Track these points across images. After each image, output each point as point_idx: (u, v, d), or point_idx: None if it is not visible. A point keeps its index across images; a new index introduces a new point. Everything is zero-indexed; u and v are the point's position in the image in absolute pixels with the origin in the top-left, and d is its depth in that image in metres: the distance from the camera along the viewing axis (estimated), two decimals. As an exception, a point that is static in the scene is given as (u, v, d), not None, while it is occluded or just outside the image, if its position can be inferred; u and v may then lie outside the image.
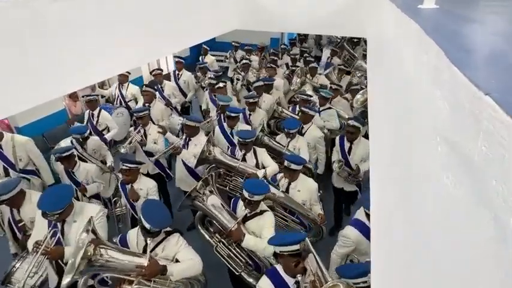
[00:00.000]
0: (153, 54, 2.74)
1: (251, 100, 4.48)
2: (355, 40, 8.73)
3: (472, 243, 0.48)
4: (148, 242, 2.27)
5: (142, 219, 2.21)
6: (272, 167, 3.47)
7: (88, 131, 3.99)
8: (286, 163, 3.05)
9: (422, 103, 0.85)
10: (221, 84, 5.10)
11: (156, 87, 5.48)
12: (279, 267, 2.20)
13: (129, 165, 3.06)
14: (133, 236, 2.46)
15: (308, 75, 6.22)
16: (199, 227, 2.86)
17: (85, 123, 4.62)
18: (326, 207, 3.39)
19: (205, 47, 7.49)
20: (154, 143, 3.98)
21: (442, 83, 0.68)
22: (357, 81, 6.18)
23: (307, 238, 2.20)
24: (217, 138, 4.15)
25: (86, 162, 3.82)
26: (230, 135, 4.05)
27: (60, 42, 1.49)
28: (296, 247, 2.06)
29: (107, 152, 4.19)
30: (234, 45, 8.18)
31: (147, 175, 4.02)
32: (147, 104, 4.72)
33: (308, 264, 2.13)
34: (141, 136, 3.95)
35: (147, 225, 2.20)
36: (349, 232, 2.62)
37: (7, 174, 3.55)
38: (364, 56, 6.93)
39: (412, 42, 1.07)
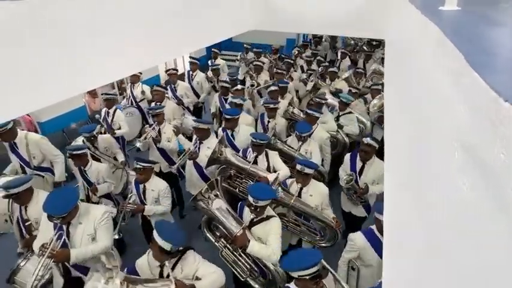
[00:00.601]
0: (169, 53, 2.78)
1: (271, 106, 4.32)
2: (374, 43, 8.53)
3: (488, 250, 0.47)
4: (167, 264, 2.16)
5: (160, 240, 2.06)
6: (283, 171, 3.42)
7: (99, 128, 4.12)
8: (299, 167, 2.99)
9: (440, 108, 0.84)
10: (239, 87, 5.01)
11: (169, 87, 5.59)
12: None
13: (143, 164, 3.10)
14: (144, 263, 2.33)
15: (327, 80, 6.14)
16: (205, 231, 2.85)
17: (101, 120, 4.78)
18: (336, 213, 3.31)
19: (215, 50, 7.35)
20: (168, 141, 4.04)
21: (461, 87, 0.67)
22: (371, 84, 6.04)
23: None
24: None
25: (99, 160, 3.92)
26: (231, 137, 3.96)
27: (81, 41, 1.54)
28: (315, 269, 1.97)
29: (118, 149, 4.29)
30: (246, 47, 8.08)
31: (160, 173, 4.10)
32: (158, 103, 4.79)
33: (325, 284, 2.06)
34: (156, 133, 4.02)
35: (167, 246, 2.05)
36: (356, 237, 2.59)
37: (24, 171, 3.66)
38: (383, 60, 6.79)
39: (432, 45, 1.05)
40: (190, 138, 4.32)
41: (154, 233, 2.04)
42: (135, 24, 1.90)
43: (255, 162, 3.45)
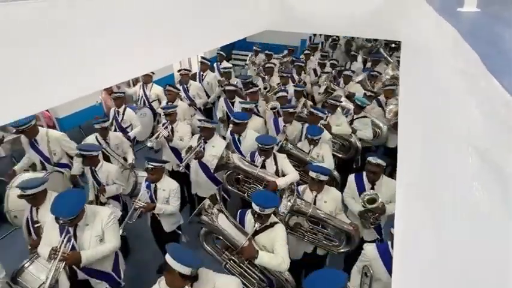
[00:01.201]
0: (184, 52, 2.79)
1: (291, 110, 4.16)
2: (393, 46, 8.30)
3: (501, 257, 0.46)
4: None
5: (180, 266, 2.02)
6: (292, 175, 3.30)
7: (109, 123, 4.14)
8: (314, 175, 2.85)
9: (456, 111, 0.82)
10: (254, 89, 4.81)
11: (182, 87, 5.57)
12: None
13: (154, 164, 3.09)
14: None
15: (341, 83, 5.94)
16: (205, 245, 2.69)
17: (111, 119, 4.74)
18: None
19: (221, 53, 6.99)
20: (180, 140, 4.05)
21: (477, 90, 0.65)
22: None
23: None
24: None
25: (109, 157, 3.93)
26: (238, 142, 3.88)
27: (98, 39, 1.57)
28: None
29: (129, 148, 4.24)
30: (255, 50, 7.70)
31: (172, 172, 4.13)
32: (170, 103, 4.77)
33: None
34: (168, 132, 4.05)
35: (188, 271, 2.00)
36: (368, 248, 2.51)
37: (44, 167, 3.70)
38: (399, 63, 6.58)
39: (448, 46, 1.03)
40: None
41: (170, 260, 1.91)
42: (151, 23, 1.92)
43: (263, 166, 3.36)
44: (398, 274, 1.13)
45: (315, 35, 9.71)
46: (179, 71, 5.86)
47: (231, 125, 4.23)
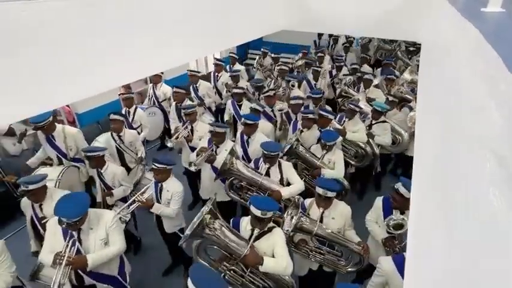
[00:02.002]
0: (199, 51, 2.79)
1: (310, 116, 4.00)
2: (411, 49, 8.03)
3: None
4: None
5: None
6: (297, 185, 3.16)
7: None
8: (321, 191, 2.67)
9: (475, 114, 0.79)
10: (271, 93, 4.65)
11: (191, 87, 5.59)
12: None
13: (158, 165, 3.06)
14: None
15: (361, 88, 5.69)
16: (199, 259, 2.59)
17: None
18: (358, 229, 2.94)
19: (233, 56, 6.87)
20: (200, 139, 3.99)
21: (497, 93, 0.63)
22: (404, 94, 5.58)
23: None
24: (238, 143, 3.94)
25: (123, 154, 4.04)
26: (246, 144, 3.81)
27: (115, 37, 1.59)
28: None
29: (141, 146, 4.31)
30: (263, 52, 7.48)
31: (187, 170, 4.17)
32: (179, 104, 4.77)
33: None
34: (188, 132, 4.06)
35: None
36: (383, 262, 2.37)
37: (60, 162, 3.77)
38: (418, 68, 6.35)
39: (470, 48, 1.00)
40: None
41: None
42: (166, 21, 1.94)
43: (267, 173, 3.24)
44: (411, 278, 1.10)
45: (319, 38, 9.33)
46: (189, 71, 5.72)
47: (239, 127, 4.17)
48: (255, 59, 7.17)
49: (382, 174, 5.11)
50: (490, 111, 0.66)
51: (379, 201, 2.97)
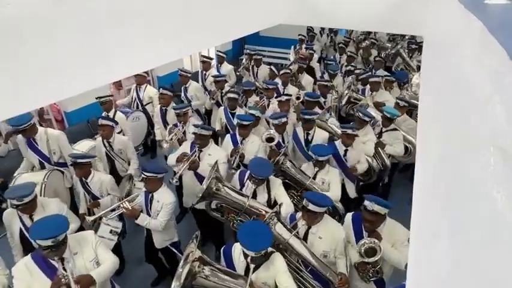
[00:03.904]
0: (195, 46, 2.68)
1: (349, 131, 3.60)
2: (413, 47, 7.90)
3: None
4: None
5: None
6: (286, 208, 2.83)
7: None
8: (304, 201, 2.44)
9: (478, 109, 0.77)
10: (283, 98, 4.28)
11: (183, 88, 5.32)
12: None
13: (147, 174, 2.83)
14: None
15: (367, 90, 5.39)
16: None
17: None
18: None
19: (221, 54, 6.19)
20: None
21: (502, 87, 0.61)
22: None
23: None
24: (225, 146, 3.77)
25: (114, 160, 3.83)
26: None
27: (107, 30, 1.53)
28: None
29: (133, 155, 4.00)
30: (249, 53, 6.72)
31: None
32: (164, 108, 4.54)
33: None
34: (181, 134, 3.92)
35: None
36: None
37: (43, 167, 3.57)
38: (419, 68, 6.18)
39: (473, 41, 0.97)
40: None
41: None
42: (160, 15, 1.86)
43: (254, 195, 2.94)
44: (412, 279, 1.09)
45: (312, 38, 8.91)
46: (180, 70, 5.42)
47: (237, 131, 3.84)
48: (252, 54, 6.65)
49: (388, 185, 4.72)
50: (494, 105, 0.64)
51: (348, 218, 2.68)
